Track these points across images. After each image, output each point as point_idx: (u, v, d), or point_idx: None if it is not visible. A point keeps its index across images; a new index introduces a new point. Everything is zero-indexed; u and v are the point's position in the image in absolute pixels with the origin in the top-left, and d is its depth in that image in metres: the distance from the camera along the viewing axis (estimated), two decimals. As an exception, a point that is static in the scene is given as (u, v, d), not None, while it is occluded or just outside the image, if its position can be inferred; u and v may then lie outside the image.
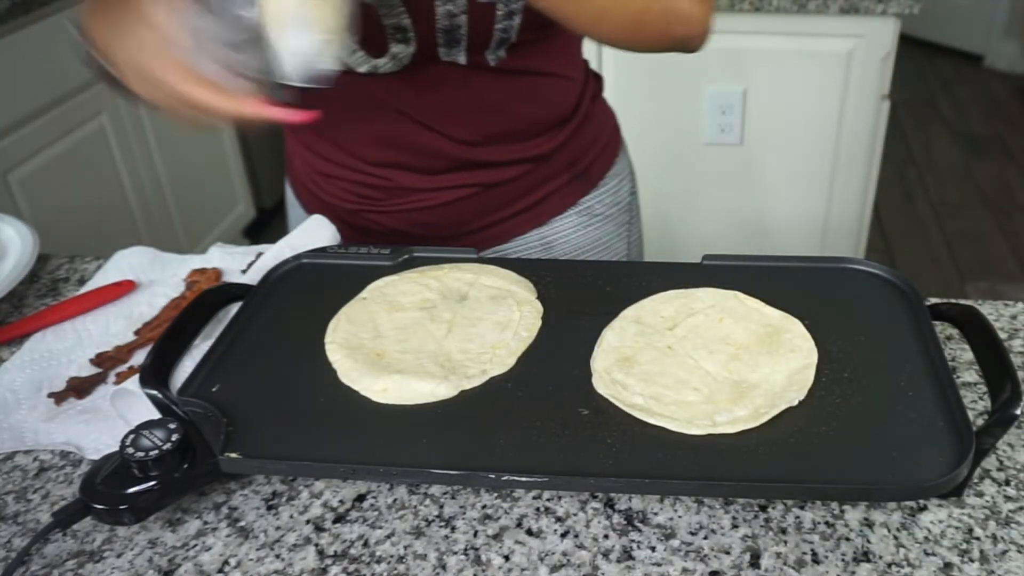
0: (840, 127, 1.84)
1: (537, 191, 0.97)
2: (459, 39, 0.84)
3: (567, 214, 1.00)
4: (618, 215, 1.05)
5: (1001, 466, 0.63)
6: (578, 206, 1.01)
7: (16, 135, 1.79)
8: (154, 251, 0.92)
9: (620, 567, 0.56)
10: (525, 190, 0.97)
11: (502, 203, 0.97)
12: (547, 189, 0.98)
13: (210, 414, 0.64)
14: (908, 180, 3.22)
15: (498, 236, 0.98)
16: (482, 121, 0.91)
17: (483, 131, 0.92)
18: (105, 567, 0.58)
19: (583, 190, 1.01)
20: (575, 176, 0.99)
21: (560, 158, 0.97)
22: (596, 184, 1.02)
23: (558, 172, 0.98)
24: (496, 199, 0.96)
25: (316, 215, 0.89)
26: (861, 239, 1.97)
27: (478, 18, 0.82)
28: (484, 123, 0.92)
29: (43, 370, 0.77)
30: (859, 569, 0.55)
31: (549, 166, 0.97)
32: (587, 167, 1.00)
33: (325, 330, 0.73)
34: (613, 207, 1.04)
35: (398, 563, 0.57)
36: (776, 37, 1.78)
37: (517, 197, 0.97)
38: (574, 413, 0.63)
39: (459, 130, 0.91)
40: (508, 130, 0.93)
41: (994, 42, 4.02)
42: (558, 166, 0.98)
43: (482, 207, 0.96)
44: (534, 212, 0.98)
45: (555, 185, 0.98)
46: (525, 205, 0.98)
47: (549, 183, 0.98)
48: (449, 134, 0.91)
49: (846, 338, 0.69)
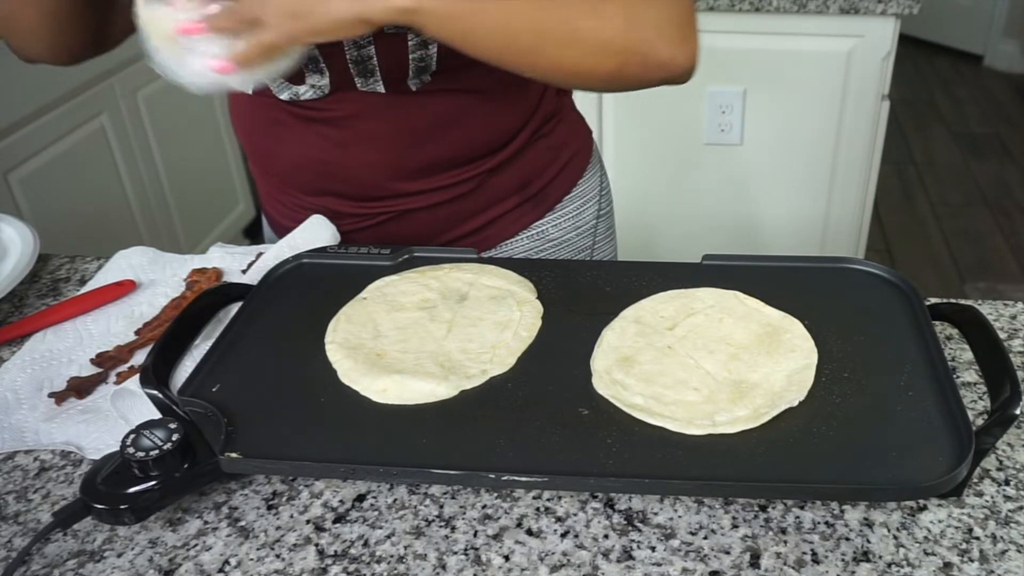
0: (840, 127, 1.84)
1: (482, 214, 0.93)
2: (371, 69, 0.81)
3: (518, 238, 0.95)
4: (578, 240, 0.99)
5: (1001, 466, 0.63)
6: (530, 230, 0.95)
7: (16, 135, 1.79)
8: (154, 251, 0.92)
9: (620, 567, 0.56)
10: (467, 213, 0.92)
11: (443, 227, 0.92)
12: (494, 212, 0.93)
13: (210, 414, 0.64)
14: (908, 180, 3.22)
15: None
16: (412, 146, 0.87)
17: (414, 156, 0.87)
18: (105, 567, 0.58)
19: (536, 214, 0.95)
20: (527, 199, 0.94)
21: (507, 180, 0.92)
22: (552, 207, 0.96)
23: (506, 194, 0.93)
24: (437, 222, 0.92)
25: (316, 215, 0.89)
26: (861, 239, 1.97)
27: (388, 49, 0.80)
28: (414, 148, 0.87)
29: (44, 370, 0.77)
30: (859, 569, 0.55)
31: (494, 188, 0.92)
32: (541, 189, 0.95)
33: (325, 330, 0.73)
34: (572, 231, 0.98)
35: (398, 563, 0.57)
36: (776, 37, 1.77)
37: (459, 220, 0.92)
38: (574, 413, 0.63)
39: (388, 156, 0.87)
40: (441, 154, 0.88)
41: (994, 42, 4.02)
42: (506, 188, 0.92)
43: (421, 230, 0.92)
44: (480, 236, 0.93)
45: (503, 208, 0.93)
46: (470, 228, 0.93)
47: (495, 206, 0.93)
48: (376, 161, 0.87)
49: (846, 338, 0.69)
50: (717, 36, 1.76)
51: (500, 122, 0.90)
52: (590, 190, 1.00)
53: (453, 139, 0.88)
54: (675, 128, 1.90)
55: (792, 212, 1.96)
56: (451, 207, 0.91)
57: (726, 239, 2.00)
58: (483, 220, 0.93)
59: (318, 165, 0.89)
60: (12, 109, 1.78)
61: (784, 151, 1.90)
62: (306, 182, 0.92)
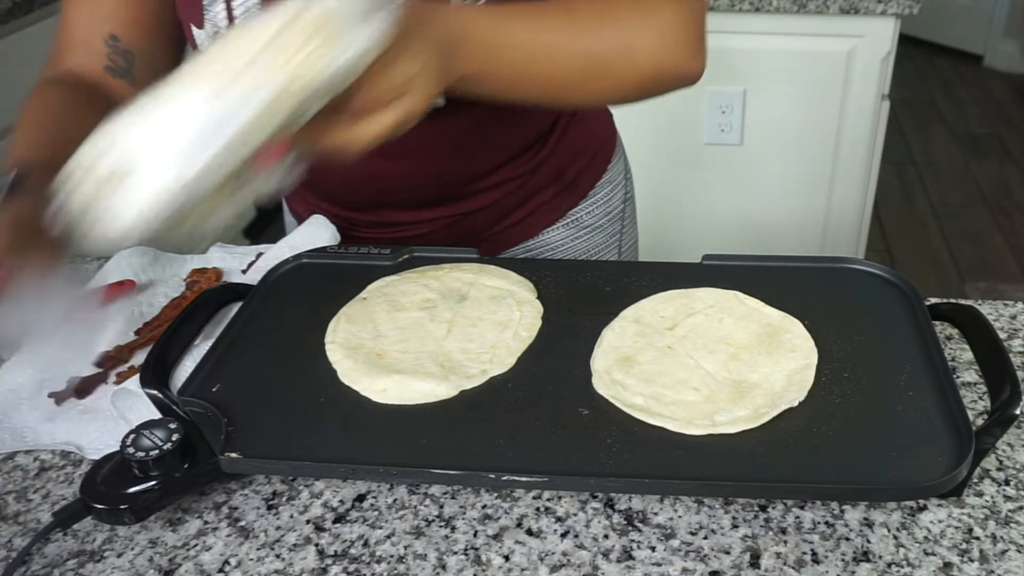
0: (840, 127, 1.84)
1: (524, 206, 0.96)
2: None
3: (555, 226, 0.98)
4: (608, 225, 1.02)
5: (1001, 466, 0.63)
6: (566, 218, 0.98)
7: (16, 135, 1.79)
8: (154, 251, 0.92)
9: (620, 567, 0.56)
10: (511, 207, 0.95)
11: (489, 222, 0.96)
12: (534, 203, 0.96)
13: (210, 414, 0.64)
14: (908, 180, 3.22)
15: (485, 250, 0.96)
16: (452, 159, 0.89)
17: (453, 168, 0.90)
18: (105, 567, 0.58)
19: (571, 202, 0.99)
20: (563, 188, 0.97)
21: (545, 171, 0.95)
22: (585, 195, 0.99)
23: (545, 184, 0.96)
24: (483, 220, 0.95)
25: (316, 215, 0.89)
26: (861, 239, 1.97)
27: None
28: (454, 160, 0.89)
29: (44, 370, 0.77)
30: (859, 569, 0.55)
31: (534, 180, 0.95)
32: (575, 178, 0.98)
33: (325, 330, 0.73)
34: (603, 217, 1.01)
35: (398, 563, 0.57)
36: (776, 37, 1.77)
37: (504, 215, 0.96)
38: (574, 413, 0.63)
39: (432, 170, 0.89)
40: (479, 161, 0.91)
41: (994, 42, 4.02)
42: (544, 179, 0.96)
43: (470, 228, 0.95)
44: (522, 226, 0.97)
45: (542, 198, 0.97)
46: (513, 221, 0.96)
47: (536, 197, 0.96)
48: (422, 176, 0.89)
49: (846, 338, 0.69)
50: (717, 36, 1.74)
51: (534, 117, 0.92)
52: (617, 175, 1.03)
53: (489, 142, 0.90)
54: (675, 128, 1.90)
55: (792, 212, 1.96)
56: (499, 207, 0.94)
57: (726, 239, 2.00)
58: (526, 211, 0.96)
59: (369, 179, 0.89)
60: (12, 109, 1.78)
61: (784, 151, 1.90)
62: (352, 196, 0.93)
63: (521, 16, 0.71)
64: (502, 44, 0.70)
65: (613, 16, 0.74)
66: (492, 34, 0.69)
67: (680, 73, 0.77)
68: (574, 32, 0.73)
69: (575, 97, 0.81)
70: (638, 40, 0.74)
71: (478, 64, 0.68)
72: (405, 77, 0.60)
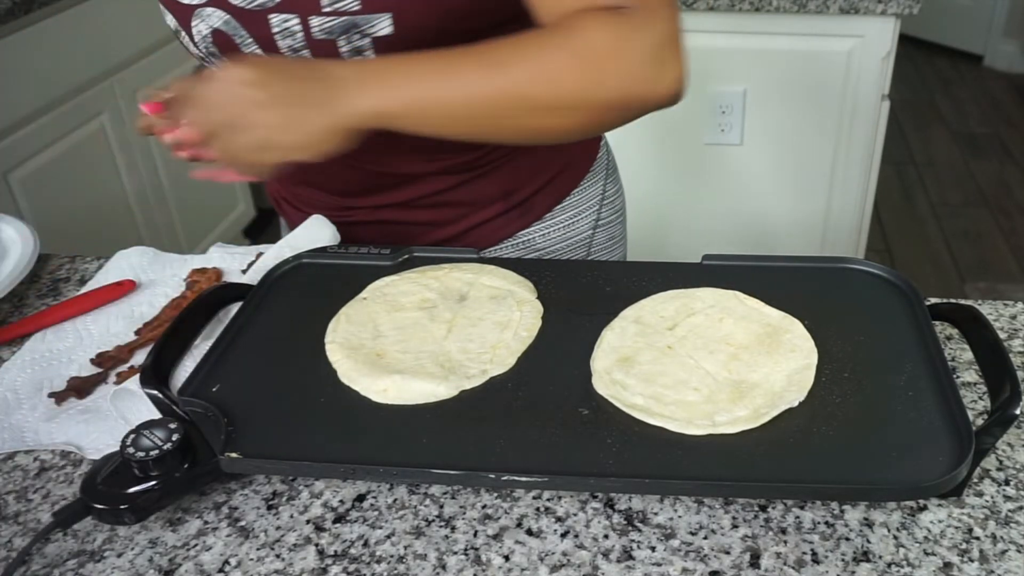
0: (840, 127, 1.84)
1: (464, 220, 0.92)
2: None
3: (501, 246, 0.94)
4: (569, 251, 0.98)
5: (1001, 466, 0.63)
6: (515, 238, 0.94)
7: (16, 135, 1.79)
8: (154, 251, 0.93)
9: (620, 567, 0.56)
10: (447, 218, 0.92)
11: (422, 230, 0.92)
12: (476, 219, 0.92)
13: (210, 414, 0.64)
14: (908, 180, 3.22)
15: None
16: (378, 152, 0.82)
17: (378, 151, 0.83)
18: (105, 567, 0.58)
19: (522, 223, 0.94)
20: (511, 207, 0.93)
21: (489, 186, 0.91)
22: (540, 217, 0.94)
23: (489, 201, 0.92)
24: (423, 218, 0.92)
25: (316, 215, 0.89)
26: (861, 239, 1.97)
27: (323, 55, 0.77)
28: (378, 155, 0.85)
29: (44, 370, 0.77)
30: (859, 569, 0.56)
31: (474, 192, 0.91)
32: (526, 199, 0.93)
33: (325, 330, 0.73)
34: (562, 242, 0.97)
35: (398, 563, 0.57)
36: (776, 37, 1.77)
37: (438, 224, 0.92)
38: (574, 413, 0.63)
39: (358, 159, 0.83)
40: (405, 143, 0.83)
41: (994, 42, 4.02)
42: (488, 195, 0.91)
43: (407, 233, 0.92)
44: (460, 243, 0.92)
45: (485, 215, 0.92)
46: (453, 233, 0.92)
47: (478, 212, 0.92)
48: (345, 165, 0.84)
49: (846, 338, 0.69)
50: (717, 36, 1.76)
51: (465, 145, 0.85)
52: (586, 200, 0.98)
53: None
54: (675, 128, 1.90)
55: (792, 212, 1.96)
56: (434, 207, 0.91)
57: (726, 239, 2.00)
58: (465, 225, 0.93)
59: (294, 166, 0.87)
60: (12, 109, 1.78)
61: (784, 151, 1.90)
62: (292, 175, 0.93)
63: (424, 55, 0.70)
64: (404, 76, 0.69)
65: (530, 46, 0.70)
66: (387, 70, 0.70)
67: (631, 100, 0.70)
68: (486, 65, 0.70)
69: (508, 132, 0.75)
70: (557, 69, 0.69)
71: (377, 100, 0.68)
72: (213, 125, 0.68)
